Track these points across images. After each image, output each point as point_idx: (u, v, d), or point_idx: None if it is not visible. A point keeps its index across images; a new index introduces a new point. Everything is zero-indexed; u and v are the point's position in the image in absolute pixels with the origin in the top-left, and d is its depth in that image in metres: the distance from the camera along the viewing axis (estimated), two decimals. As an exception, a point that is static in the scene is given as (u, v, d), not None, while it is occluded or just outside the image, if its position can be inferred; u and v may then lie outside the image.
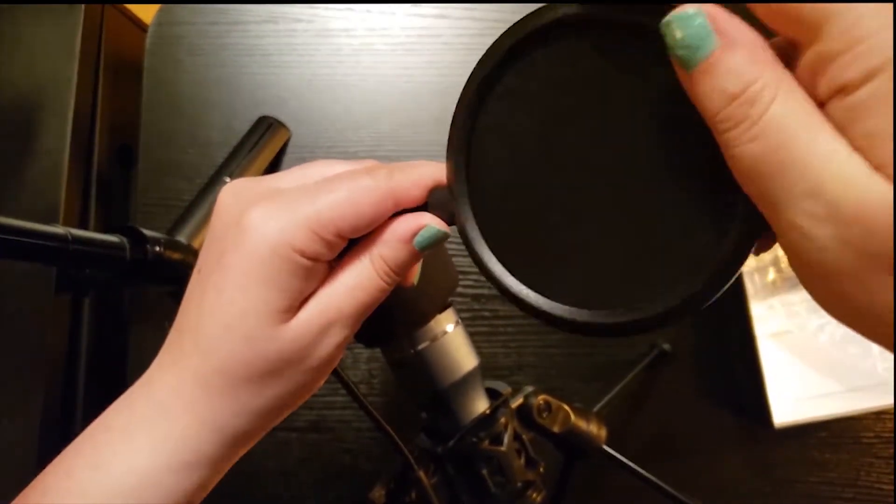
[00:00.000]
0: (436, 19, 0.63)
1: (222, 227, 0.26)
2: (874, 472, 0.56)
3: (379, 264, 0.27)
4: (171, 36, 0.63)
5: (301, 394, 0.28)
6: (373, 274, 0.27)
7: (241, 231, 0.25)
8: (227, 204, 0.27)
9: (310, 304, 0.26)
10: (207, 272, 0.26)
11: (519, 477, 0.41)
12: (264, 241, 0.25)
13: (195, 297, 0.27)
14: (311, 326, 0.26)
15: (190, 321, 0.26)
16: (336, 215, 0.25)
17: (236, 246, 0.25)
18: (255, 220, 0.25)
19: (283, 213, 0.25)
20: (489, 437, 0.40)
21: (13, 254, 0.38)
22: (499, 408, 0.42)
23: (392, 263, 0.27)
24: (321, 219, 0.25)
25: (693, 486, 0.47)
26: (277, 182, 0.27)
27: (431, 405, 0.41)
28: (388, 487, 0.42)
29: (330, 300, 0.26)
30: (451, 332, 0.39)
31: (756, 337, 0.54)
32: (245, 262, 0.25)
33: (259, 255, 0.25)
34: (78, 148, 0.58)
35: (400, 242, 0.26)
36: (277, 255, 0.25)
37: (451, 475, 0.42)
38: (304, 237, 0.25)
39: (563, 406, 0.44)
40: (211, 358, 0.26)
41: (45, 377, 0.53)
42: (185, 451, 0.26)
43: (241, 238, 0.25)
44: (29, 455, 0.51)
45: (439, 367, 0.39)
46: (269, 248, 0.25)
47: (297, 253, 0.25)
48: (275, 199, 0.26)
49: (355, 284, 0.27)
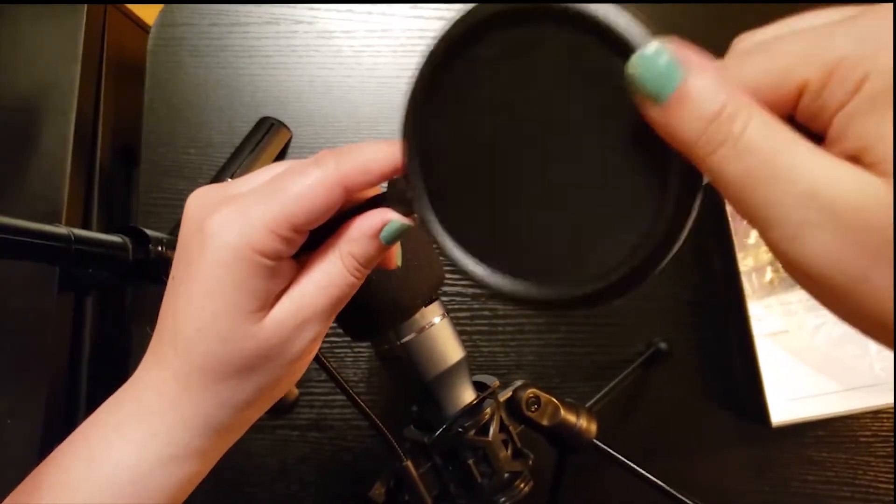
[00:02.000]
0: (435, 20, 0.63)
1: (188, 234, 0.27)
2: (872, 470, 0.56)
3: (348, 261, 0.28)
4: (173, 37, 0.63)
5: (280, 387, 0.29)
6: (343, 270, 0.28)
7: (204, 238, 0.26)
8: (191, 211, 0.28)
9: (283, 301, 0.27)
10: (178, 280, 0.27)
11: (505, 467, 0.41)
12: (225, 247, 0.26)
13: (170, 304, 0.28)
14: (286, 324, 0.27)
15: (167, 327, 0.28)
16: (289, 211, 0.26)
17: (200, 253, 0.26)
18: (215, 227, 0.26)
19: (241, 217, 0.26)
20: (475, 428, 0.41)
21: (16, 253, 0.38)
22: (485, 399, 0.42)
23: (361, 259, 0.28)
24: (276, 217, 0.26)
25: (690, 484, 0.47)
26: (238, 187, 0.28)
27: (421, 397, 0.42)
28: (388, 486, 0.43)
29: (303, 298, 0.27)
30: (437, 324, 0.40)
31: (754, 336, 0.55)
32: (210, 269, 0.26)
33: (222, 260, 0.26)
34: (80, 148, 0.58)
35: (366, 238, 0.27)
36: (239, 258, 0.26)
37: (438, 466, 0.42)
38: (262, 237, 0.26)
39: (553, 400, 0.44)
40: (189, 359, 0.27)
41: (47, 377, 0.53)
42: (173, 445, 0.27)
43: (204, 245, 0.26)
44: (31, 454, 0.51)
45: (425, 358, 0.40)
46: (231, 253, 0.26)
47: (257, 254, 0.26)
48: (232, 204, 0.26)
49: (327, 282, 0.28)
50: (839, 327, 0.55)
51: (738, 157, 0.18)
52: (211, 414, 0.27)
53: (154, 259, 0.45)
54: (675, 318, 0.59)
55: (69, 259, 0.40)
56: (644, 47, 0.19)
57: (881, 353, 0.55)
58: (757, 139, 0.18)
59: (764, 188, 0.18)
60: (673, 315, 0.59)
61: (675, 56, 0.19)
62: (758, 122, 0.18)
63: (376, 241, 0.28)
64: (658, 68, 0.19)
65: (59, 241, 0.39)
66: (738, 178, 0.18)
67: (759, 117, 0.18)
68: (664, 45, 0.19)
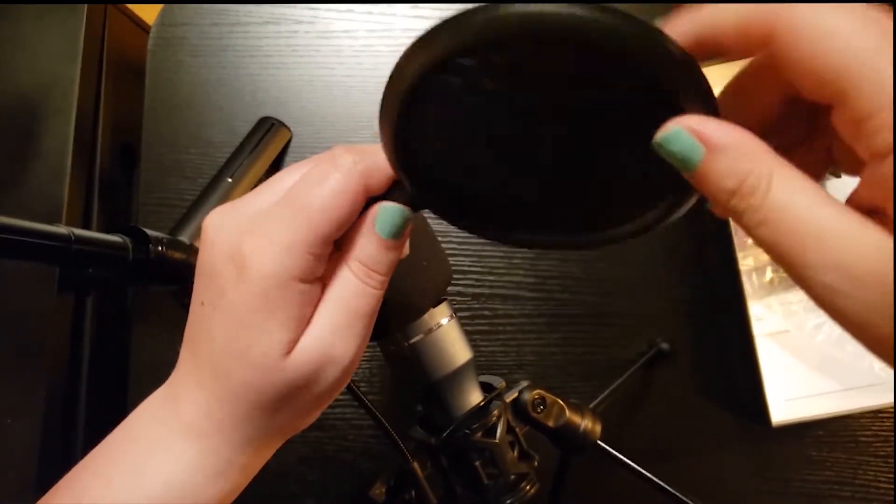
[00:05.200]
0: (436, 20, 0.63)
1: (217, 261, 0.27)
2: (871, 470, 0.57)
3: (359, 269, 0.27)
4: (174, 37, 0.63)
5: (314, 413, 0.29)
6: (357, 282, 0.27)
7: (240, 267, 0.26)
8: (214, 236, 0.27)
9: (309, 331, 0.27)
10: (211, 307, 0.27)
11: (512, 469, 0.41)
12: (265, 278, 0.25)
13: (204, 331, 0.27)
14: (313, 355, 0.27)
15: (203, 353, 0.27)
16: (319, 227, 0.25)
17: (237, 284, 0.26)
18: (253, 257, 0.25)
19: (275, 244, 0.25)
20: (482, 429, 0.41)
21: (16, 253, 0.38)
22: (492, 400, 0.42)
23: (370, 263, 0.27)
24: (307, 237, 0.25)
25: (690, 484, 0.47)
26: (257, 202, 0.27)
27: (426, 397, 0.42)
28: (388, 485, 0.43)
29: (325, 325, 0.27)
30: (445, 325, 0.39)
31: (754, 336, 0.55)
32: (250, 300, 0.25)
33: (261, 291, 0.25)
34: (80, 148, 0.58)
35: (366, 237, 0.27)
36: (280, 286, 0.25)
37: (445, 467, 0.42)
38: (300, 263, 0.25)
39: (558, 401, 0.44)
40: (228, 387, 0.27)
41: (47, 377, 0.53)
42: (221, 462, 0.27)
43: (242, 275, 0.25)
44: (30, 454, 0.51)
45: (433, 359, 0.39)
46: (272, 282, 0.25)
47: (296, 280, 0.25)
48: (262, 230, 0.26)
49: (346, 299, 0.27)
50: (839, 327, 0.55)
51: (762, 225, 0.19)
52: (251, 435, 0.27)
53: (154, 259, 0.45)
54: (674, 318, 0.59)
55: (69, 259, 0.40)
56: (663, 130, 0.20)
57: (881, 352, 0.55)
58: (778, 206, 0.19)
59: (792, 253, 0.19)
60: (673, 315, 0.59)
61: (693, 136, 0.20)
62: (778, 189, 0.19)
63: (375, 237, 0.27)
64: (677, 146, 0.20)
65: (59, 241, 0.39)
66: (767, 241, 0.19)
67: (780, 182, 0.19)
68: (680, 126, 0.20)
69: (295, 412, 0.28)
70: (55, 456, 0.52)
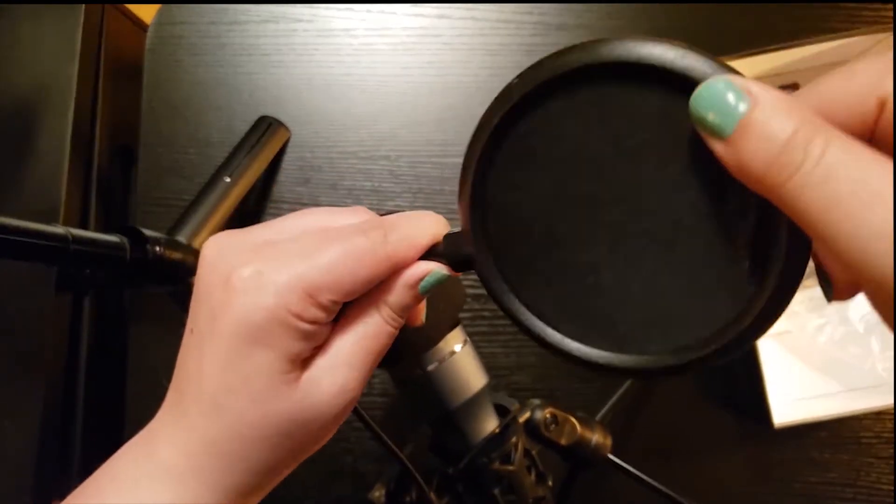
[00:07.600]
0: (436, 19, 0.63)
1: (209, 284, 0.25)
2: (874, 472, 0.56)
3: (385, 312, 0.26)
4: (171, 36, 0.63)
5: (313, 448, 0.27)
6: (380, 321, 0.26)
7: (232, 293, 0.24)
8: (211, 259, 0.26)
9: (318, 360, 0.26)
10: (200, 335, 0.25)
11: (531, 494, 0.40)
12: (257, 307, 0.24)
13: (193, 359, 0.26)
14: (322, 384, 0.25)
15: (191, 385, 0.26)
16: (331, 280, 0.24)
17: (228, 310, 0.24)
18: (246, 282, 0.24)
19: (275, 275, 0.24)
20: (500, 457, 0.40)
21: (13, 253, 0.38)
22: (508, 426, 0.41)
23: (397, 309, 0.26)
24: (315, 283, 0.24)
25: (692, 486, 0.47)
26: (264, 234, 0.26)
27: (439, 423, 0.40)
28: (388, 488, 0.42)
29: (338, 356, 0.26)
30: (459, 352, 0.38)
31: (756, 337, 0.54)
32: (241, 328, 0.24)
33: (254, 321, 0.24)
34: (78, 147, 0.58)
35: (405, 288, 0.26)
36: (274, 319, 0.24)
37: (461, 494, 0.41)
38: (299, 301, 0.24)
39: (570, 418, 0.44)
40: (218, 421, 0.25)
41: (44, 377, 0.53)
42: None
43: (231, 301, 0.24)
44: (28, 455, 0.51)
45: (447, 388, 0.38)
46: (265, 313, 0.24)
47: (294, 317, 0.24)
48: (264, 257, 0.25)
49: (363, 335, 0.26)
50: (842, 328, 0.55)
51: (818, 184, 0.17)
52: (238, 480, 0.26)
53: (152, 259, 0.45)
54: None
55: (67, 259, 0.40)
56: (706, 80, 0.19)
57: (884, 353, 0.54)
58: (838, 164, 0.17)
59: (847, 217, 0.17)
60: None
61: (739, 86, 0.18)
62: (838, 146, 0.17)
63: (414, 291, 0.26)
64: (721, 99, 0.18)
65: (56, 241, 0.39)
66: (816, 204, 0.17)
67: (839, 140, 0.17)
68: (726, 77, 0.19)
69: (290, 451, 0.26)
70: (52, 457, 0.52)
